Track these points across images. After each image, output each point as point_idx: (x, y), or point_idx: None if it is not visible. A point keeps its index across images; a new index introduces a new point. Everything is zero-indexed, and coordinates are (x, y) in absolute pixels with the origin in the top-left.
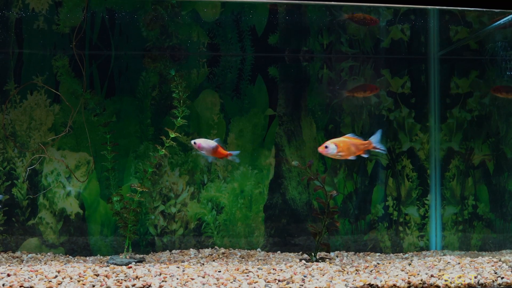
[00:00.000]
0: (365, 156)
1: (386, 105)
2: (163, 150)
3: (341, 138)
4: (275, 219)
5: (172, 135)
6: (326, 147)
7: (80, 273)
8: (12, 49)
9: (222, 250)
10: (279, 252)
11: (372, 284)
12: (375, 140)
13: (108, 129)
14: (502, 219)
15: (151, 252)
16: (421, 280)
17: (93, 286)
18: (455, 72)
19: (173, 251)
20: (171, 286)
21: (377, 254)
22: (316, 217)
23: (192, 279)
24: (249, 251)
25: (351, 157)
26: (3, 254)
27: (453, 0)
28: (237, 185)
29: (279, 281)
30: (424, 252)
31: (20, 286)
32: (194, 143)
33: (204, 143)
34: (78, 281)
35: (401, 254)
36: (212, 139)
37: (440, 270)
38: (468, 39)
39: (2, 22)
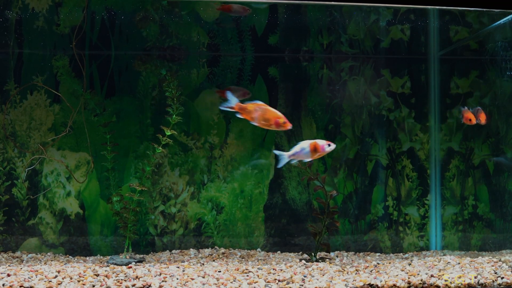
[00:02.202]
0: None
1: (386, 105)
2: (160, 148)
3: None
4: (275, 219)
5: (168, 132)
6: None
7: (80, 273)
8: (12, 49)
9: (222, 250)
10: (279, 252)
11: (372, 284)
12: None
13: (108, 129)
14: (502, 219)
15: (151, 252)
16: (421, 280)
17: (93, 286)
18: (455, 72)
19: (173, 251)
20: (171, 286)
21: (377, 254)
22: (316, 217)
23: (192, 279)
24: (249, 251)
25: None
26: (3, 254)
27: (453, 0)
28: (237, 185)
29: (279, 281)
30: (424, 252)
31: (20, 286)
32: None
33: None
34: (78, 281)
35: (401, 254)
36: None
37: (440, 270)
38: (468, 39)
39: (2, 22)
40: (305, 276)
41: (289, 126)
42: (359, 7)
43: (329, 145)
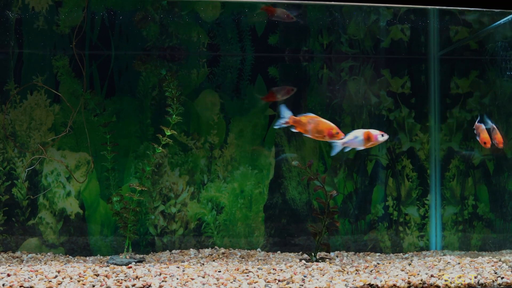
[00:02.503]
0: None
1: (386, 105)
2: (160, 148)
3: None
4: (275, 219)
5: (168, 132)
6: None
7: (80, 273)
8: (12, 49)
9: (222, 250)
10: (279, 252)
11: (372, 284)
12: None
13: (108, 129)
14: (502, 219)
15: (151, 252)
16: (421, 280)
17: (93, 286)
18: (455, 72)
19: (173, 251)
20: (171, 286)
21: (377, 254)
22: (316, 217)
23: (192, 279)
24: (249, 251)
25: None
26: (3, 254)
27: (453, 0)
28: (237, 185)
29: (279, 281)
30: (424, 252)
31: (20, 286)
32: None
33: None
34: (78, 281)
35: (401, 254)
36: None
37: (440, 270)
38: (468, 39)
39: (2, 22)
40: (305, 276)
41: (342, 135)
42: (359, 7)
43: (382, 135)
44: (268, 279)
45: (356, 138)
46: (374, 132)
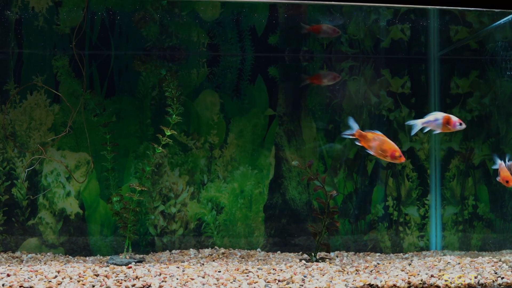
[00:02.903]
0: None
1: (386, 105)
2: (160, 148)
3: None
4: (275, 219)
5: (168, 132)
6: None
7: (80, 273)
8: (12, 49)
9: (222, 250)
10: (279, 252)
11: (372, 284)
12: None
13: (108, 129)
14: (502, 219)
15: (151, 252)
16: (421, 280)
17: (93, 286)
18: (455, 72)
19: (173, 251)
20: (171, 286)
21: (377, 254)
22: (316, 217)
23: (192, 279)
24: (249, 251)
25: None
26: (3, 254)
27: (453, 0)
28: (237, 185)
29: (279, 281)
30: (424, 252)
31: (20, 286)
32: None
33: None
34: (78, 281)
35: (401, 254)
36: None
37: (440, 270)
38: (468, 39)
39: (2, 22)
40: (305, 276)
41: (403, 160)
42: (359, 7)
43: (460, 124)
44: (268, 279)
45: (436, 120)
46: (454, 118)
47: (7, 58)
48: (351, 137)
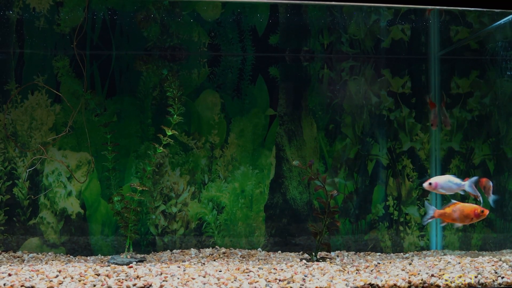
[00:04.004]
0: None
1: (387, 105)
2: (161, 148)
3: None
4: (276, 218)
5: (169, 132)
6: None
7: (81, 272)
8: (13, 49)
9: (223, 249)
10: (279, 251)
11: (373, 284)
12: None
13: (109, 129)
14: (503, 219)
15: (152, 252)
16: (422, 279)
17: (94, 285)
18: (456, 72)
19: (174, 251)
20: (172, 286)
21: (378, 253)
22: (316, 216)
23: (193, 278)
24: (249, 250)
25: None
26: (4, 254)
27: (453, 0)
28: (237, 185)
29: (280, 280)
30: (424, 252)
31: (21, 286)
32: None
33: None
34: (79, 281)
35: (402, 253)
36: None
37: (440, 270)
38: (468, 39)
39: (3, 22)
40: (305, 276)
41: (487, 212)
42: (359, 7)
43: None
44: (268, 279)
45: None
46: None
47: (9, 58)
48: (431, 219)
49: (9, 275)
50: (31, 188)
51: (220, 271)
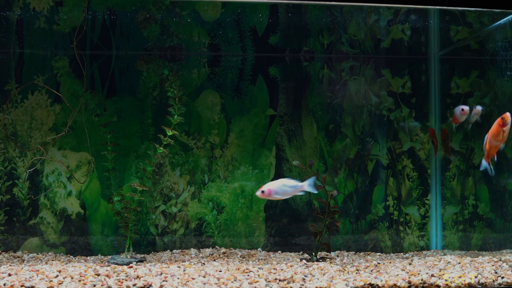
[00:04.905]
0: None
1: (387, 105)
2: (161, 148)
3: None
4: (276, 218)
5: (170, 133)
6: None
7: (81, 272)
8: (13, 49)
9: (223, 249)
10: (279, 251)
11: (373, 284)
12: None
13: (108, 129)
14: (503, 219)
15: (152, 252)
16: (422, 279)
17: (94, 285)
18: (456, 72)
19: (174, 251)
20: (172, 286)
21: (378, 253)
22: (316, 216)
23: (193, 278)
24: (249, 250)
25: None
26: (4, 254)
27: (453, 0)
28: (237, 184)
29: (280, 280)
30: (424, 252)
31: (21, 286)
32: None
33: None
34: (79, 281)
35: (402, 253)
36: None
37: (440, 270)
38: (468, 39)
39: (3, 22)
40: (305, 276)
41: (505, 114)
42: (359, 7)
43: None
44: (268, 279)
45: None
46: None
47: (9, 58)
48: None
49: (9, 275)
50: (31, 188)
51: (220, 271)
